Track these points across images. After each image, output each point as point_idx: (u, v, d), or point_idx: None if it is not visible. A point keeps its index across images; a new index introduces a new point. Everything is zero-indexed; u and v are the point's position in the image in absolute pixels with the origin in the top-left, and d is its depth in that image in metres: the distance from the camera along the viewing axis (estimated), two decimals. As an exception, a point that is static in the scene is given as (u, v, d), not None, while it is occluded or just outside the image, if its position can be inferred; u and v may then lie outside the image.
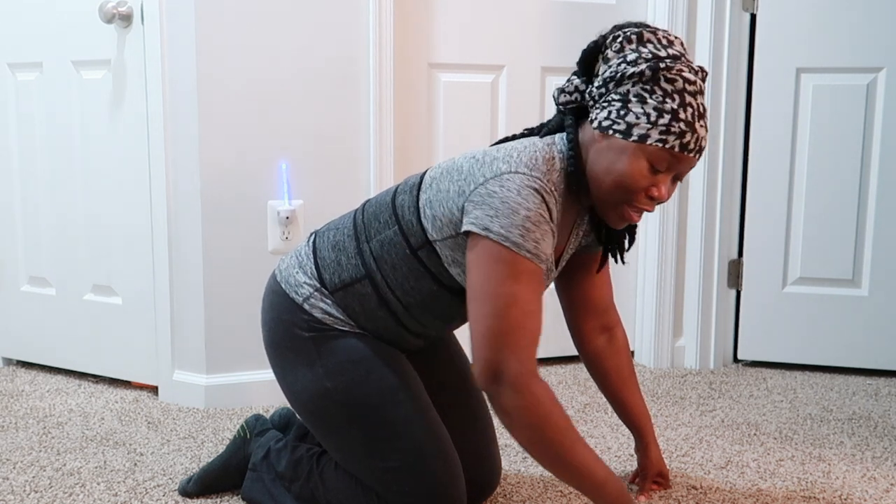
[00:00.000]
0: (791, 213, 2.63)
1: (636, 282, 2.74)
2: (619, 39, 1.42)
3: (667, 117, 1.36)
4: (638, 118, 1.37)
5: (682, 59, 1.40)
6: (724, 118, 2.60)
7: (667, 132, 1.36)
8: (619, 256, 1.58)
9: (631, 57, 1.39)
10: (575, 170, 1.42)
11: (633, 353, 2.77)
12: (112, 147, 2.33)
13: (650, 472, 1.76)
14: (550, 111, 2.60)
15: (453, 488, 1.49)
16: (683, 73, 1.38)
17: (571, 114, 1.48)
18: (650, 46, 1.40)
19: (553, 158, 1.42)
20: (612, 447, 2.01)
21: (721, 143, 2.61)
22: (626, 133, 1.38)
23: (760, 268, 2.66)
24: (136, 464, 1.88)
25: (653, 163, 1.38)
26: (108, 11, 2.19)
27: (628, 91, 1.38)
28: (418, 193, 1.48)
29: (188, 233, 2.24)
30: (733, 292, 2.73)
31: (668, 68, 1.37)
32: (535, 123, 2.58)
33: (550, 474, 1.85)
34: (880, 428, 2.18)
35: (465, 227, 1.37)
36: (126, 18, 2.22)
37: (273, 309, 1.57)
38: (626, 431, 2.09)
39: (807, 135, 2.59)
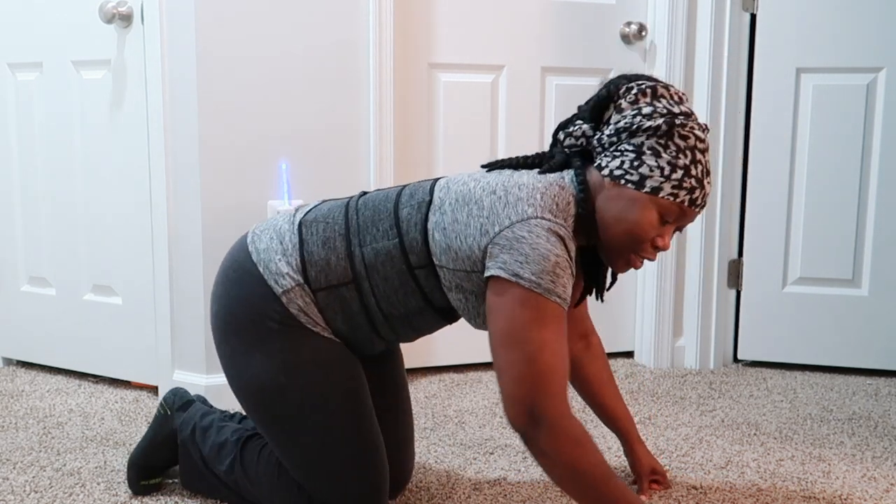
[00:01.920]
0: (791, 213, 2.63)
1: (636, 282, 2.74)
2: (634, 91, 1.44)
3: (679, 172, 1.40)
4: (652, 171, 1.40)
5: (693, 116, 1.44)
6: (724, 118, 2.60)
7: (679, 187, 1.41)
8: (600, 295, 1.61)
9: (646, 110, 1.41)
10: (586, 214, 1.44)
11: (632, 353, 2.78)
12: (112, 147, 2.33)
13: (643, 472, 1.78)
14: (550, 111, 2.60)
15: (381, 495, 1.55)
16: (695, 131, 1.42)
17: (577, 157, 1.48)
18: (664, 101, 1.43)
19: (569, 203, 1.43)
20: (613, 447, 2.01)
21: (721, 143, 2.61)
22: (639, 184, 1.41)
23: (760, 268, 2.66)
24: (136, 464, 1.88)
25: (662, 214, 1.42)
26: (108, 11, 2.19)
27: (643, 143, 1.41)
28: (427, 212, 1.46)
29: (188, 233, 2.24)
30: (733, 292, 2.73)
31: (683, 125, 1.41)
32: (535, 124, 2.58)
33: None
34: (880, 428, 2.18)
35: (492, 272, 1.37)
36: (126, 18, 2.22)
37: (241, 287, 1.52)
38: (626, 431, 2.10)
39: (807, 135, 2.59)
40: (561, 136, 1.51)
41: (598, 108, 1.48)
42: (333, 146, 2.30)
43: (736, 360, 2.76)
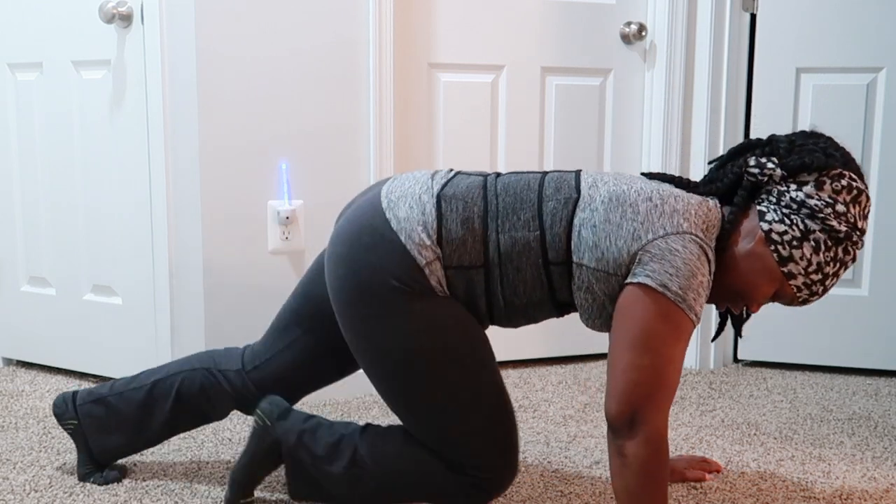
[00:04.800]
0: (791, 213, 2.63)
1: (636, 282, 2.74)
2: (844, 184, 1.41)
3: (819, 276, 1.44)
4: (801, 259, 1.42)
5: (862, 232, 1.46)
6: (724, 118, 2.60)
7: (807, 286, 1.44)
8: (738, 330, 1.67)
9: (840, 209, 1.42)
10: (721, 247, 1.45)
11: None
12: (112, 147, 2.33)
13: (691, 462, 1.85)
14: (550, 111, 2.60)
15: (516, 454, 1.56)
16: (856, 251, 1.45)
17: (746, 190, 1.47)
18: (857, 211, 1.43)
19: (715, 227, 1.44)
20: (612, 447, 2.01)
21: (721, 143, 2.61)
22: (782, 261, 1.43)
23: (760, 268, 2.66)
24: (135, 464, 1.88)
25: (777, 293, 1.46)
26: (108, 11, 2.19)
27: (814, 232, 1.42)
28: (574, 209, 1.45)
29: (188, 233, 2.24)
30: (733, 292, 2.72)
31: (854, 243, 1.44)
32: (535, 123, 2.58)
33: (551, 474, 1.85)
34: (880, 428, 2.18)
35: (639, 279, 1.37)
36: (126, 18, 2.22)
37: (376, 254, 1.47)
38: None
39: (807, 135, 2.59)
40: (752, 161, 1.46)
41: (801, 167, 1.42)
42: (333, 146, 2.30)
43: (736, 360, 2.76)
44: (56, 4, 2.35)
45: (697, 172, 2.61)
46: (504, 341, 2.34)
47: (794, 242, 1.42)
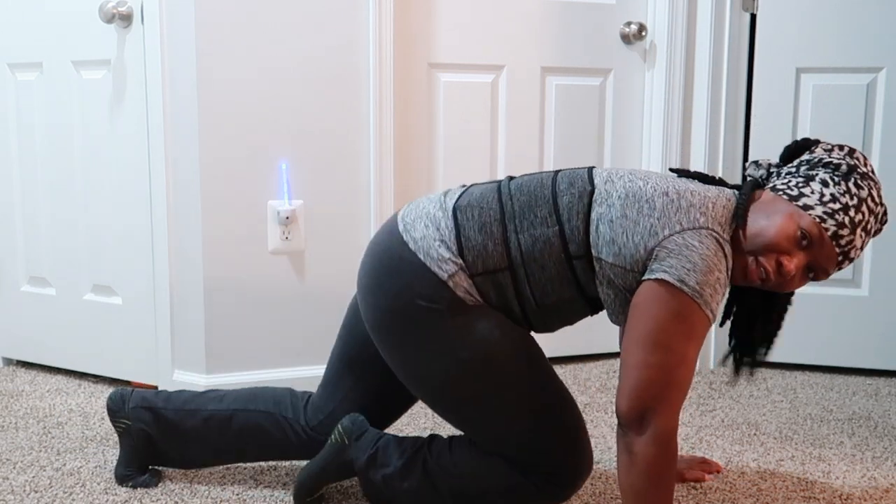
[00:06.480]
0: (791, 213, 2.63)
1: (636, 282, 2.74)
2: (832, 146, 1.46)
3: (837, 205, 1.41)
4: (812, 193, 1.42)
5: (877, 186, 1.44)
6: (724, 118, 2.60)
7: (831, 215, 1.40)
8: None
9: (835, 155, 1.44)
10: (737, 227, 1.44)
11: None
12: (112, 147, 2.33)
13: (691, 462, 1.84)
14: (550, 111, 2.60)
15: (584, 447, 1.55)
16: (873, 191, 1.43)
17: (750, 180, 1.51)
18: (857, 161, 1.44)
19: (730, 218, 1.44)
20: (613, 447, 2.01)
21: (721, 143, 2.61)
22: (794, 198, 1.42)
23: (760, 268, 2.66)
24: (136, 464, 1.88)
25: (801, 233, 1.40)
26: (108, 11, 2.19)
27: (816, 174, 1.43)
28: (590, 202, 1.45)
29: (188, 233, 2.24)
30: (733, 292, 2.72)
31: (863, 177, 1.42)
32: (535, 123, 2.58)
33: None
34: (880, 428, 2.18)
35: (657, 275, 1.36)
36: (126, 18, 2.22)
37: (400, 278, 1.49)
38: (626, 431, 2.09)
39: (807, 135, 2.59)
40: (750, 167, 1.54)
41: (791, 152, 1.50)
42: (333, 146, 2.30)
43: (736, 360, 2.76)
44: (56, 4, 2.35)
45: (697, 172, 2.61)
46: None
47: (800, 185, 1.43)
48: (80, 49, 2.34)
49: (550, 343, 2.67)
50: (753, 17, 2.59)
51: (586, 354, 2.73)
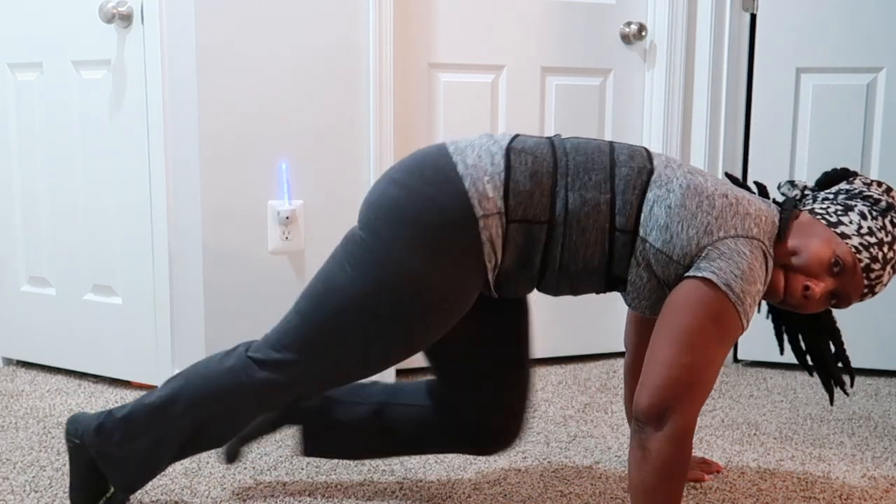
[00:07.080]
0: (791, 213, 2.63)
1: (636, 282, 2.74)
2: (871, 181, 1.50)
3: (873, 239, 1.44)
4: (850, 223, 1.45)
5: None
6: (724, 118, 2.60)
7: (866, 247, 1.44)
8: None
9: (875, 190, 1.47)
10: (776, 243, 1.46)
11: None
12: (112, 147, 2.33)
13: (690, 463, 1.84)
14: (550, 111, 2.60)
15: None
16: None
17: (788, 201, 1.53)
18: (891, 196, 1.48)
19: (774, 235, 1.45)
20: (612, 447, 2.01)
21: (721, 143, 2.61)
22: (833, 224, 1.45)
23: (760, 268, 2.66)
24: (136, 464, 1.88)
25: (834, 260, 1.43)
26: (108, 11, 2.19)
27: (855, 205, 1.47)
28: (648, 180, 1.43)
29: (188, 233, 2.24)
30: (733, 292, 2.72)
31: None
32: (535, 123, 2.58)
33: (551, 474, 1.86)
34: (880, 428, 2.18)
35: (704, 274, 1.36)
36: (126, 18, 2.22)
37: (437, 191, 1.40)
38: (627, 431, 2.09)
39: (807, 135, 2.59)
40: (784, 186, 1.57)
41: (829, 179, 1.53)
42: (333, 146, 2.30)
43: (736, 360, 2.76)
44: (56, 4, 2.35)
45: (697, 172, 2.61)
46: (504, 341, 2.34)
47: (839, 213, 1.46)
48: (80, 49, 2.34)
49: (551, 343, 2.68)
50: (753, 17, 2.59)
51: (586, 354, 2.73)
